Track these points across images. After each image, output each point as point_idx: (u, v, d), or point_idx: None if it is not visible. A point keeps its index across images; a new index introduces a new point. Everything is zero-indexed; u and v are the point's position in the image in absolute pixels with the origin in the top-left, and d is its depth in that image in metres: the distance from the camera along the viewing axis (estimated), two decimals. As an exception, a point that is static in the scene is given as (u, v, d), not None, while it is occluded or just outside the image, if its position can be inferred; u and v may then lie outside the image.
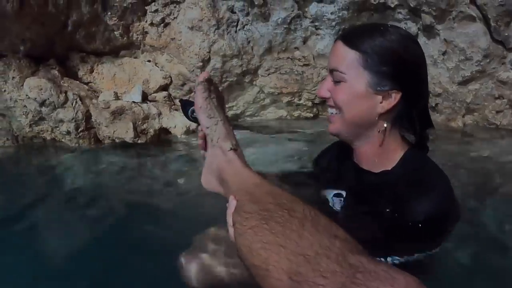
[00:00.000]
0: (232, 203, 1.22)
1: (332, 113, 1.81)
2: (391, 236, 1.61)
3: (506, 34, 4.63)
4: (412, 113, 1.77)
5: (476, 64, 4.79)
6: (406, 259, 1.67)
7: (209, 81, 1.54)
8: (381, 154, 1.80)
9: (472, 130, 4.96)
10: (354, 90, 1.71)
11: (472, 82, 4.91)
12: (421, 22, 4.93)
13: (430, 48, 4.97)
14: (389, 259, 1.64)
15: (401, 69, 1.72)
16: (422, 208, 1.58)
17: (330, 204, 1.94)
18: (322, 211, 1.74)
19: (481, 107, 4.98)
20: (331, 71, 1.76)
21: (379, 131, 1.77)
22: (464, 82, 4.91)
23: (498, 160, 4.28)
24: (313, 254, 0.87)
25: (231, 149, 1.38)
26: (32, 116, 4.72)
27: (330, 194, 1.97)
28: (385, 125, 1.77)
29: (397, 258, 1.65)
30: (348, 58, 1.70)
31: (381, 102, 1.73)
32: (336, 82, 1.74)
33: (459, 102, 4.99)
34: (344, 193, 1.93)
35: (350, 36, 1.76)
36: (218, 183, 1.40)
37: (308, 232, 0.92)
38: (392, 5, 4.91)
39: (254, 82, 5.29)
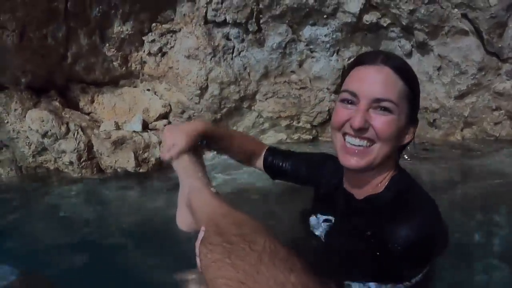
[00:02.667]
0: (200, 234, 1.27)
1: (361, 145, 1.69)
2: (373, 262, 1.58)
3: (500, 45, 4.64)
4: (412, 142, 1.80)
5: (472, 77, 4.80)
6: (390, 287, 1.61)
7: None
8: (374, 179, 1.79)
9: (472, 144, 4.90)
10: (401, 123, 1.67)
11: (469, 96, 4.90)
12: (414, 39, 4.97)
13: (424, 64, 4.99)
14: (373, 285, 1.59)
15: (419, 107, 1.76)
16: (403, 233, 1.53)
17: (319, 229, 1.93)
18: (308, 236, 1.76)
19: (479, 120, 4.95)
20: (376, 100, 1.64)
21: (392, 162, 1.76)
22: (461, 96, 4.91)
23: (500, 172, 4.22)
24: None
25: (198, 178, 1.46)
26: (35, 147, 4.80)
27: (320, 219, 1.96)
28: (395, 155, 1.77)
29: (382, 285, 1.61)
30: (399, 90, 1.65)
31: (406, 135, 1.74)
32: (383, 112, 1.64)
33: (457, 116, 4.97)
34: (331, 217, 1.92)
35: (398, 65, 1.69)
36: (191, 217, 1.43)
37: (265, 266, 0.96)
38: (385, 24, 4.97)
39: (252, 107, 5.34)
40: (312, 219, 2.01)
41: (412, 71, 1.75)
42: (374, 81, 1.64)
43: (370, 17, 4.97)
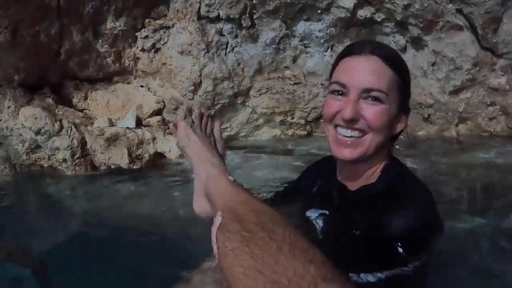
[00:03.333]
0: (217, 220, 1.23)
1: (353, 136, 1.67)
2: (371, 252, 1.56)
3: (494, 40, 4.62)
4: (402, 132, 1.78)
5: (466, 72, 4.78)
6: (388, 274, 1.59)
7: (190, 111, 1.70)
8: (368, 170, 1.78)
9: (466, 139, 4.89)
10: (392, 112, 1.65)
11: (464, 91, 4.89)
12: (408, 34, 4.94)
13: (419, 59, 4.97)
14: (370, 276, 1.58)
15: (410, 95, 1.75)
16: (400, 222, 1.52)
17: (314, 224, 1.92)
18: (306, 232, 1.74)
19: (474, 115, 4.94)
20: (366, 90, 1.62)
21: (383, 151, 1.75)
22: (455, 91, 4.89)
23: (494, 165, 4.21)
24: (286, 283, 0.89)
25: (215, 165, 1.45)
26: (29, 144, 4.80)
27: (315, 214, 1.95)
28: (388, 145, 1.76)
29: (379, 274, 1.59)
30: (389, 79, 1.63)
31: (398, 124, 1.72)
32: (374, 102, 1.62)
33: (452, 111, 4.95)
34: (326, 212, 1.91)
35: (385, 54, 1.67)
36: (208, 205, 1.42)
37: (284, 257, 0.95)
38: (379, 19, 4.95)
39: (246, 103, 5.33)
40: (308, 214, 2.00)
41: (401, 60, 1.72)
42: (363, 71, 1.62)
43: (364, 12, 4.94)
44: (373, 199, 1.66)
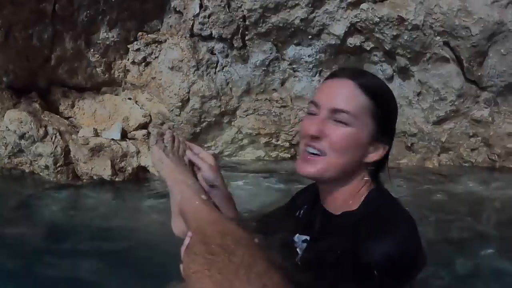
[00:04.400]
0: (186, 241, 1.26)
1: (314, 153, 1.67)
2: (348, 279, 1.55)
3: (479, 74, 4.74)
4: (385, 163, 1.79)
5: (450, 104, 4.88)
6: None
7: (161, 135, 1.72)
8: (350, 197, 1.78)
9: (448, 169, 4.95)
10: (357, 137, 1.64)
11: (447, 122, 4.98)
12: (396, 64, 5.05)
13: (405, 89, 5.06)
14: None
15: (394, 126, 1.76)
16: (380, 249, 1.47)
17: (297, 249, 1.92)
18: (289, 256, 1.75)
19: (456, 146, 5.02)
20: (334, 110, 1.64)
21: (357, 178, 1.76)
22: (439, 121, 4.98)
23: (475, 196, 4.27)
24: None
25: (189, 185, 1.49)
26: (11, 148, 4.76)
27: (299, 239, 1.95)
28: (364, 172, 1.76)
29: None
30: (359, 103, 1.64)
31: (371, 153, 1.73)
32: (339, 123, 1.63)
33: (434, 141, 5.02)
34: (308, 237, 1.91)
35: (363, 80, 1.69)
36: (184, 225, 1.45)
37: (239, 281, 0.98)
38: (368, 48, 5.05)
39: (232, 123, 5.35)
40: (291, 239, 1.98)
41: (382, 89, 1.73)
42: (334, 93, 1.64)
43: (354, 40, 5.05)
44: (356, 225, 1.65)
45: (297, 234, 1.90)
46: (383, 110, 1.67)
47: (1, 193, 4.74)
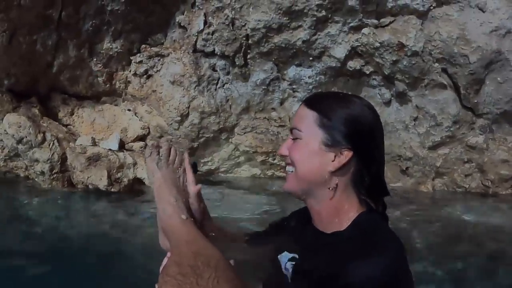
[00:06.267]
0: (164, 261, 1.36)
1: (289, 171, 1.73)
2: None
3: (476, 101, 4.83)
4: (364, 175, 1.82)
5: (446, 129, 4.97)
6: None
7: (156, 147, 1.72)
8: (333, 214, 1.79)
9: (441, 194, 5.00)
10: (309, 147, 1.68)
11: (442, 147, 5.06)
12: (394, 88, 5.14)
13: (402, 113, 5.14)
14: None
15: (354, 130, 1.79)
16: (364, 271, 1.45)
17: (283, 268, 1.93)
18: (276, 275, 1.78)
19: (450, 171, 5.09)
20: (291, 130, 1.74)
21: (330, 188, 1.80)
22: (434, 146, 5.06)
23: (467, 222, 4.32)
24: None
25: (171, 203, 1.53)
26: (8, 151, 4.75)
27: (285, 258, 1.97)
28: (336, 182, 1.80)
29: None
30: (307, 118, 1.70)
31: (332, 160, 1.77)
32: (294, 139, 1.71)
33: (429, 166, 5.09)
34: (297, 256, 1.93)
35: (311, 99, 1.80)
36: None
37: None
38: (368, 72, 5.14)
39: (230, 140, 5.39)
40: (280, 258, 2.00)
41: (332, 101, 1.80)
42: (294, 116, 1.75)
43: (354, 64, 5.14)
44: (344, 246, 1.67)
45: (285, 252, 1.92)
46: (329, 118, 1.73)
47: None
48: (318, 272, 1.58)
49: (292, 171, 1.70)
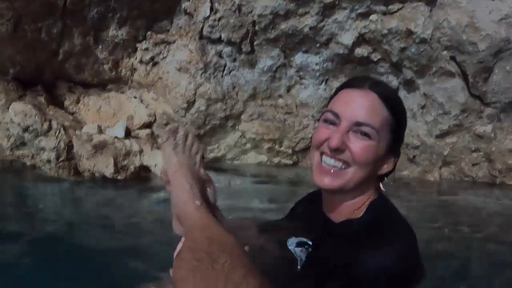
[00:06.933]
0: (179, 246, 1.33)
1: (336, 166, 1.67)
2: None
3: (484, 89, 4.80)
4: (391, 173, 1.80)
5: (454, 118, 4.95)
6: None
7: (174, 132, 1.67)
8: (354, 207, 1.78)
9: (448, 183, 5.01)
10: (379, 150, 1.64)
11: (450, 135, 5.05)
12: (402, 76, 5.11)
13: (410, 101, 5.11)
14: None
15: (403, 139, 1.77)
16: (376, 261, 1.47)
17: (296, 256, 1.91)
18: (287, 263, 1.76)
19: (457, 160, 5.09)
20: (357, 123, 1.63)
21: (371, 190, 1.76)
22: (442, 135, 5.05)
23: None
24: None
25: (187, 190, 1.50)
26: (14, 140, 4.73)
27: (293, 242, 1.94)
28: (374, 184, 1.77)
29: None
30: (382, 117, 1.63)
31: (384, 165, 1.74)
32: (362, 136, 1.62)
33: (436, 154, 5.09)
34: (309, 242, 1.91)
35: (386, 94, 1.69)
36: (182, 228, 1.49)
37: None
38: (375, 59, 5.11)
39: (236, 127, 5.38)
40: (291, 246, 1.98)
41: (400, 102, 1.74)
42: (357, 105, 1.63)
43: (361, 51, 5.10)
44: (356, 235, 1.65)
45: (295, 240, 1.91)
46: (398, 123, 1.68)
47: (2, 184, 4.71)
48: (332, 260, 1.58)
49: (342, 168, 1.64)
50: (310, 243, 1.81)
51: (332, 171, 1.63)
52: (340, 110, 1.64)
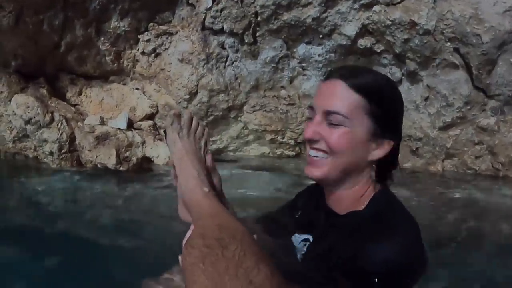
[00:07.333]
0: (188, 233, 1.30)
1: (317, 156, 1.65)
2: (349, 284, 1.54)
3: (488, 81, 4.77)
4: (395, 160, 1.75)
5: (457, 110, 4.92)
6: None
7: (178, 116, 1.63)
8: (354, 198, 1.76)
9: (451, 175, 5.00)
10: (355, 136, 1.60)
11: (453, 128, 5.02)
12: (405, 68, 5.08)
13: (413, 93, 5.10)
14: None
15: (398, 121, 1.72)
16: (381, 254, 1.45)
17: (297, 249, 1.91)
18: (289, 255, 1.75)
19: (460, 152, 5.07)
20: (327, 113, 1.60)
21: (363, 176, 1.74)
22: (445, 127, 5.02)
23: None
24: None
25: (194, 177, 1.49)
26: (17, 132, 4.74)
27: (298, 239, 1.94)
28: (370, 170, 1.74)
29: None
30: (352, 102, 1.59)
31: (374, 150, 1.71)
32: (334, 125, 1.60)
33: (439, 146, 5.07)
34: (310, 237, 1.90)
35: (354, 78, 1.63)
36: (188, 214, 1.47)
37: (228, 276, 1.03)
38: (378, 50, 5.08)
39: (239, 118, 5.38)
40: (293, 238, 1.98)
41: (379, 85, 1.69)
42: (326, 95, 1.60)
43: (364, 42, 5.08)
44: (359, 227, 1.64)
45: (296, 234, 1.91)
46: (379, 107, 1.66)
47: (5, 177, 4.74)
48: (335, 253, 1.59)
49: (323, 157, 1.63)
50: (311, 239, 1.82)
51: (314, 161, 1.64)
52: (313, 104, 1.64)
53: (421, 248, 1.59)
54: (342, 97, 1.57)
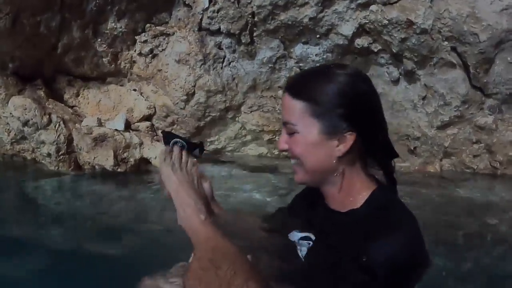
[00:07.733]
0: (190, 259, 1.49)
1: (294, 163, 1.74)
2: (351, 282, 1.54)
3: (485, 80, 4.76)
4: (372, 149, 1.76)
5: (455, 109, 4.91)
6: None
7: (170, 153, 1.75)
8: (347, 194, 1.76)
9: (449, 174, 4.99)
10: (308, 139, 1.65)
11: (451, 127, 5.02)
12: (402, 67, 5.06)
13: (410, 92, 5.09)
14: None
15: (352, 110, 1.70)
16: (383, 251, 1.47)
17: (297, 248, 1.92)
18: (290, 256, 1.77)
19: (458, 152, 5.07)
20: (284, 124, 1.69)
21: (339, 172, 1.76)
22: (443, 126, 5.02)
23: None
24: None
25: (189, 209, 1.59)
26: (14, 134, 4.77)
27: (297, 237, 1.95)
28: (344, 165, 1.76)
29: None
30: (296, 109, 1.65)
31: (337, 146, 1.72)
32: (290, 134, 1.68)
33: (437, 146, 5.07)
34: (312, 236, 1.91)
35: (294, 86, 1.72)
36: None
37: None
38: (376, 50, 5.06)
39: (236, 119, 5.39)
40: (292, 237, 1.99)
41: (319, 85, 1.72)
42: (282, 108, 1.70)
43: (361, 41, 5.06)
44: (359, 225, 1.65)
45: (295, 232, 1.92)
46: (321, 106, 1.67)
47: (3, 179, 4.75)
48: (336, 251, 1.59)
49: (297, 163, 1.69)
50: (313, 238, 1.83)
51: (294, 168, 1.73)
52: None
53: (422, 243, 1.60)
54: (289, 107, 1.65)
